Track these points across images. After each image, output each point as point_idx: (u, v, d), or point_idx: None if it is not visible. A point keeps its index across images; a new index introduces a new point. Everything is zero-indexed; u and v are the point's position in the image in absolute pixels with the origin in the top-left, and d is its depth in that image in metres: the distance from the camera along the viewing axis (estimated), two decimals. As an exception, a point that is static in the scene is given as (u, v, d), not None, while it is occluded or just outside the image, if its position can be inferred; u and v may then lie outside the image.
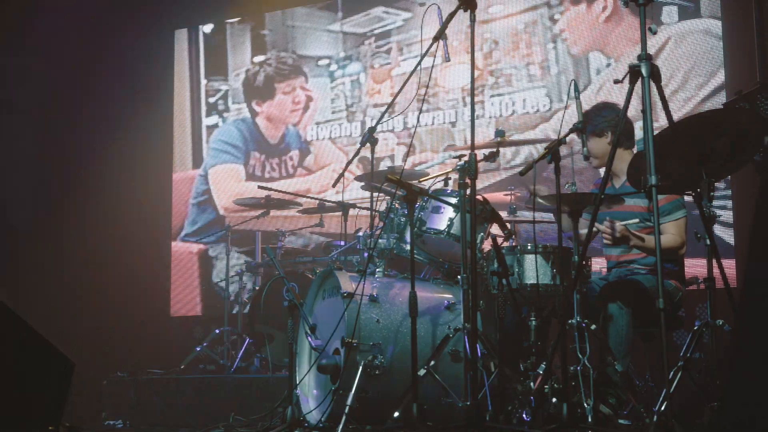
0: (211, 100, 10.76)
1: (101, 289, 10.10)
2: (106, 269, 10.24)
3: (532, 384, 4.95)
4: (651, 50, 4.74)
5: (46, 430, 3.81)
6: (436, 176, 6.29)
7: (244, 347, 8.19)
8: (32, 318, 3.96)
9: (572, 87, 5.04)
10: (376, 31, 9.86)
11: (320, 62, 10.18)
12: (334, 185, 6.19)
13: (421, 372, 5.08)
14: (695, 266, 6.74)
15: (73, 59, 10.50)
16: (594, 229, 4.88)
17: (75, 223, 10.29)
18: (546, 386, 4.83)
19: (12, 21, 10.07)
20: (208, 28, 10.90)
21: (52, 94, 10.72)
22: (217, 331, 8.65)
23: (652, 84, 4.25)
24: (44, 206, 10.62)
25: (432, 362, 5.21)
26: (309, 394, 5.89)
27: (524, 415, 4.86)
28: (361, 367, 5.29)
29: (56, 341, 3.95)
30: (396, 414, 5.00)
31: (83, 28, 10.36)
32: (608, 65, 8.57)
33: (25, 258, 10.04)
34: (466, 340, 4.92)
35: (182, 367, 8.45)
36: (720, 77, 8.05)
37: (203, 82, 10.84)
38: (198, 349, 8.56)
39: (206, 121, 10.76)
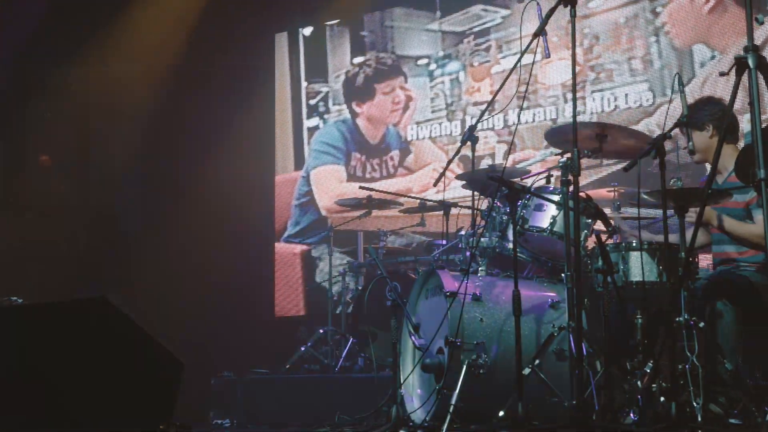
0: (312, 102, 10.85)
1: (207, 291, 10.26)
2: (211, 271, 10.39)
3: (639, 383, 4.89)
4: (758, 41, 4.64)
5: (157, 429, 3.88)
6: (539, 174, 6.24)
7: (347, 347, 8.23)
8: (143, 319, 4.04)
9: (676, 80, 4.96)
10: (474, 29, 9.83)
11: (419, 62, 10.18)
12: (435, 184, 6.19)
13: (526, 371, 5.05)
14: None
15: (175, 65, 10.68)
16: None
17: (181, 226, 10.47)
18: (654, 385, 4.76)
19: (114, 30, 10.30)
20: (307, 30, 10.99)
21: (156, 101, 10.93)
22: (321, 331, 8.70)
23: (760, 76, 4.14)
24: (151, 210, 10.84)
25: (537, 361, 5.17)
26: (413, 393, 5.90)
27: (631, 415, 4.80)
28: (465, 366, 5.28)
29: (165, 341, 4.03)
30: (501, 413, 4.97)
31: (185, 34, 10.53)
32: (713, 58, 8.40)
33: (134, 261, 10.25)
34: (571, 338, 4.88)
35: (287, 367, 8.53)
36: (830, 67, 7.81)
37: (304, 84, 10.94)
38: (302, 349, 8.63)
39: (307, 123, 10.85)
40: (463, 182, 7.29)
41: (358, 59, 10.60)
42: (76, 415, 3.82)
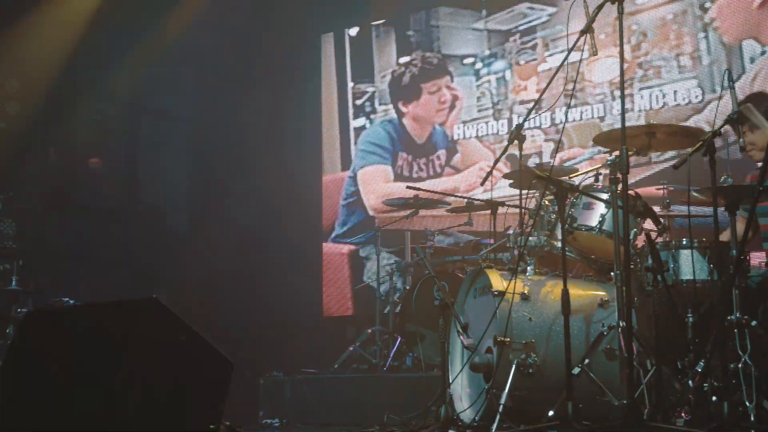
0: (358, 102, 10.87)
1: (256, 290, 10.33)
2: (260, 270, 10.46)
3: (690, 382, 4.84)
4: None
5: (208, 429, 3.90)
6: (587, 172, 6.21)
7: (396, 346, 8.24)
8: (192, 319, 4.07)
9: (726, 77, 4.90)
10: (520, 28, 9.79)
11: (465, 61, 10.16)
12: (482, 183, 6.17)
13: (576, 370, 5.02)
14: None
15: (223, 66, 10.76)
16: None
17: (230, 226, 10.54)
18: (705, 384, 4.71)
19: (164, 32, 10.38)
20: (353, 31, 11.01)
21: (204, 102, 11.03)
22: (369, 331, 8.72)
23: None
24: (199, 210, 10.94)
25: (586, 360, 5.14)
26: (462, 393, 5.89)
27: (683, 415, 4.76)
28: (514, 366, 5.26)
29: (214, 341, 4.05)
30: (551, 413, 4.95)
31: (232, 36, 10.60)
32: (763, 53, 8.30)
33: (182, 261, 10.34)
34: (621, 337, 4.85)
35: (336, 366, 8.56)
36: None
37: (350, 84, 10.96)
38: (351, 348, 8.64)
39: (354, 123, 10.87)
40: (510, 181, 7.28)
41: (404, 59, 10.60)
42: (126, 416, 3.85)
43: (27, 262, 8.09)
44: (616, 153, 4.77)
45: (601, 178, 5.97)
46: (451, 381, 5.77)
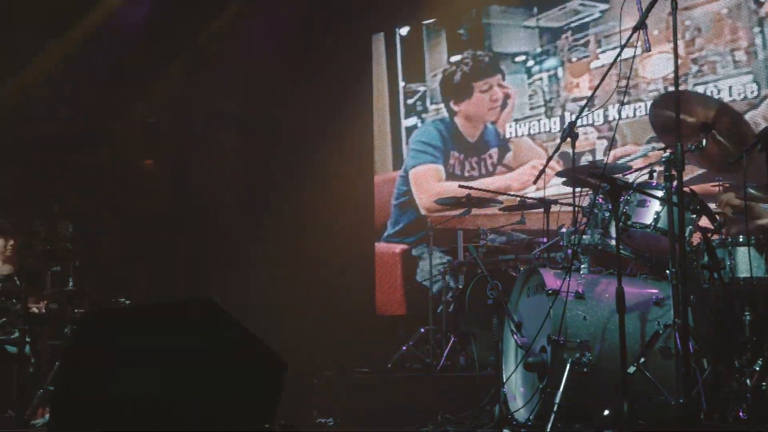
0: (410, 101, 10.86)
1: (308, 290, 10.35)
2: (312, 270, 10.49)
3: (748, 381, 4.78)
4: None
5: (263, 428, 3.92)
6: (641, 169, 6.16)
7: (449, 346, 8.22)
8: (246, 319, 4.09)
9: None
10: (572, 25, 9.72)
11: (517, 59, 10.11)
12: (534, 182, 6.14)
13: (631, 369, 4.98)
14: None
15: (273, 67, 10.80)
16: None
17: (282, 227, 10.59)
18: (764, 383, 4.66)
19: (214, 36, 10.46)
20: (404, 30, 11.00)
21: (255, 103, 11.09)
22: (422, 330, 8.71)
23: None
24: (252, 211, 11.00)
25: (642, 359, 5.10)
26: (516, 392, 5.87)
27: (740, 413, 4.70)
28: (568, 365, 5.23)
29: (268, 341, 4.06)
30: (606, 412, 4.92)
31: (282, 37, 10.64)
32: (820, 47, 8.18)
33: (236, 262, 10.41)
34: (677, 336, 4.80)
35: (389, 366, 8.56)
36: None
37: (401, 84, 10.96)
38: (404, 348, 8.65)
39: (405, 123, 10.87)
40: (563, 179, 7.24)
41: (455, 57, 10.57)
42: (181, 416, 3.88)
43: (83, 264, 8.18)
44: (671, 150, 4.72)
45: (655, 175, 5.91)
46: (505, 380, 5.75)
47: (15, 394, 7.58)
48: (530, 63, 9.99)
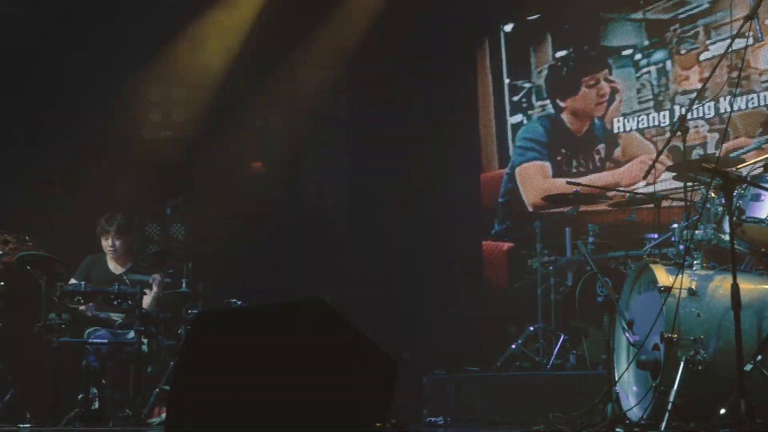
0: (515, 98, 10.79)
1: (417, 289, 10.39)
2: (420, 269, 10.52)
3: None
4: None
5: (375, 427, 3.95)
6: (754, 162, 6.03)
7: (559, 344, 8.17)
8: (355, 318, 4.13)
9: None
10: (680, 16, 9.54)
11: (624, 52, 9.96)
12: (644, 177, 6.07)
13: (748, 367, 4.89)
14: None
15: (379, 69, 10.85)
16: None
17: (389, 226, 10.64)
18: None
19: (323, 39, 10.57)
20: (508, 27, 10.95)
21: (362, 104, 11.17)
22: (531, 329, 8.66)
23: None
24: (360, 210, 11.08)
25: (759, 357, 5.00)
26: (629, 391, 5.82)
27: None
28: (682, 363, 5.17)
29: (378, 340, 4.10)
30: (722, 411, 4.83)
31: (387, 37, 10.68)
32: None
33: (345, 261, 10.51)
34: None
35: (498, 364, 8.54)
36: None
37: (506, 80, 10.90)
38: (513, 346, 8.61)
39: (511, 120, 10.80)
40: (674, 173, 7.12)
41: (561, 53, 10.47)
42: (293, 416, 3.93)
43: (196, 265, 8.34)
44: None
45: (770, 168, 5.78)
46: (617, 378, 5.70)
47: (132, 394, 7.78)
48: (638, 56, 9.84)
